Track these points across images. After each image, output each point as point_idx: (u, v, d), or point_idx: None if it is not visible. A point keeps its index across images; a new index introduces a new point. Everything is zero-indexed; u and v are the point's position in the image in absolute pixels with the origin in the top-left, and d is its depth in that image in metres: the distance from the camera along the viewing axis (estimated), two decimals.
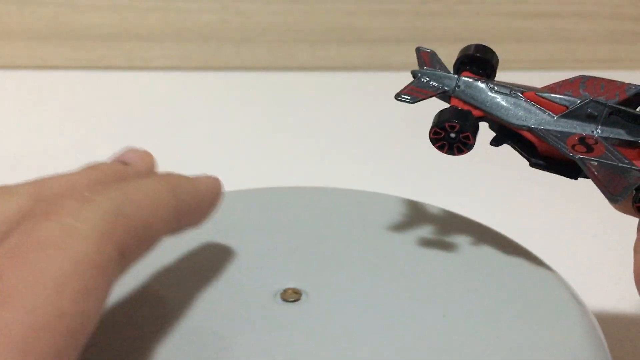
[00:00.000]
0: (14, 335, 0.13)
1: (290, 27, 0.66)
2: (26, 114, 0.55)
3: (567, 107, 0.21)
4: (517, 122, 0.21)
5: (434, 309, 0.21)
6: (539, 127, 0.20)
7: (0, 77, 0.64)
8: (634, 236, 0.21)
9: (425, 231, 0.25)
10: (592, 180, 0.20)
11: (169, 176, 0.21)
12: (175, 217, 0.19)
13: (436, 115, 0.21)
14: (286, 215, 0.27)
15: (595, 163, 0.19)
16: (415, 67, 0.24)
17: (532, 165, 0.21)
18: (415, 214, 0.26)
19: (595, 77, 0.22)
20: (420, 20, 0.67)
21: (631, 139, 0.20)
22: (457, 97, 0.22)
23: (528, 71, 0.68)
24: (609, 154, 0.20)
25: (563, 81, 0.22)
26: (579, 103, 0.21)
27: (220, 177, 0.22)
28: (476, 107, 0.21)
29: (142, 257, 0.18)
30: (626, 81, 0.21)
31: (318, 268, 0.23)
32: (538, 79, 0.69)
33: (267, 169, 0.43)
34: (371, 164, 0.45)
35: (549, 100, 0.21)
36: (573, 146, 0.20)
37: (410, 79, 0.24)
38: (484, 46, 0.23)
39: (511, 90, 0.21)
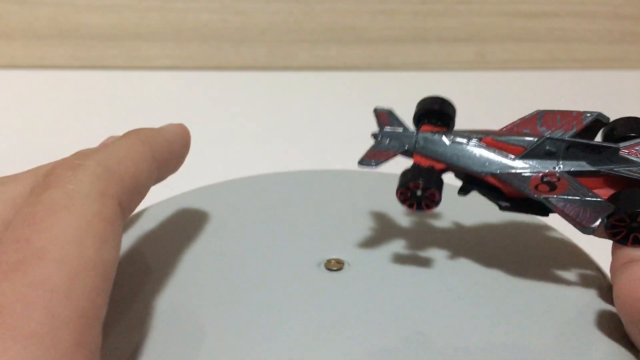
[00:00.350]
0: (55, 284, 0.15)
1: (290, 27, 0.66)
2: (26, 113, 0.55)
3: (525, 148, 0.21)
4: (480, 170, 0.21)
5: (468, 278, 0.23)
6: (501, 172, 0.21)
7: (0, 76, 0.64)
8: None
9: (457, 210, 0.27)
10: (561, 217, 0.20)
11: (140, 131, 0.22)
12: (154, 165, 0.21)
13: (400, 176, 0.22)
14: (320, 194, 0.29)
15: (560, 201, 0.20)
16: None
17: (502, 209, 0.21)
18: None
19: (550, 111, 0.22)
20: (420, 20, 0.67)
21: (593, 169, 0.20)
22: (418, 153, 0.22)
23: (528, 71, 0.68)
24: (573, 189, 0.20)
25: (520, 119, 0.22)
26: (535, 142, 0.21)
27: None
28: (438, 161, 0.22)
29: (136, 207, 0.20)
30: (582, 110, 0.21)
31: (358, 242, 0.25)
32: (538, 79, 0.69)
33: (267, 169, 0.43)
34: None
35: (507, 143, 0.21)
36: (536, 186, 0.20)
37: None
38: (440, 98, 0.23)
39: (470, 138, 0.21)
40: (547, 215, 0.21)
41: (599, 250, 0.24)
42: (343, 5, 0.66)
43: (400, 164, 0.23)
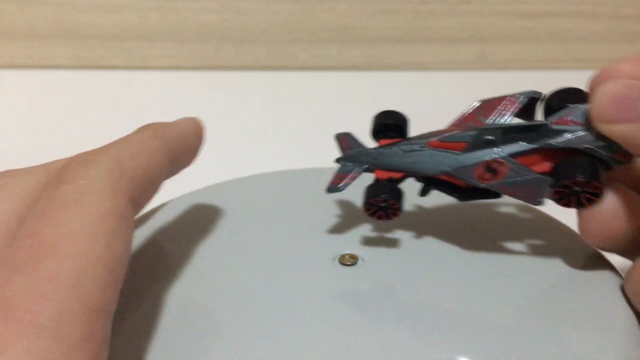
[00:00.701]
0: (65, 279, 0.16)
1: (290, 27, 0.66)
2: (26, 113, 0.55)
3: (468, 142, 0.22)
4: (433, 170, 0.23)
5: (480, 271, 0.23)
6: (452, 169, 0.22)
7: (0, 76, 0.64)
8: None
9: (468, 205, 0.27)
10: (511, 196, 0.22)
11: (153, 125, 0.22)
12: (167, 160, 0.21)
13: (364, 192, 0.24)
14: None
15: (504, 185, 0.22)
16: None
17: (461, 200, 0.23)
18: None
19: (489, 100, 0.23)
20: (420, 20, 0.67)
21: (530, 147, 0.22)
22: (377, 168, 0.24)
23: (528, 71, 0.68)
24: (513, 173, 0.22)
25: (461, 115, 0.24)
26: (474, 135, 0.22)
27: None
28: (396, 171, 0.24)
29: (148, 202, 0.21)
30: (518, 91, 0.23)
31: (371, 237, 0.25)
32: (538, 79, 0.69)
33: (267, 169, 0.43)
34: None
35: (451, 141, 0.23)
36: (480, 176, 0.22)
37: None
38: (391, 112, 0.25)
39: (419, 144, 0.23)
40: (499, 197, 0.23)
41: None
42: (343, 5, 0.66)
43: None
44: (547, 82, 0.24)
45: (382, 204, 0.23)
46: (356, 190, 0.30)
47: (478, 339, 0.20)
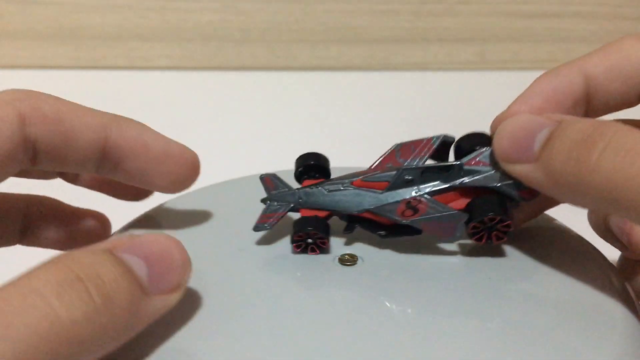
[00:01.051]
0: None
1: (290, 27, 0.66)
2: None
3: (389, 182, 0.24)
4: (356, 209, 0.24)
5: (479, 272, 0.23)
6: (374, 207, 0.24)
7: (1, 76, 0.64)
8: None
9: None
10: (429, 233, 0.23)
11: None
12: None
13: (292, 227, 0.24)
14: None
15: (424, 221, 0.23)
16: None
17: (382, 237, 0.24)
18: None
19: (405, 143, 0.25)
20: (420, 20, 0.67)
21: (446, 186, 0.23)
22: (303, 207, 0.25)
23: (528, 71, 0.68)
24: (432, 209, 0.23)
25: (381, 157, 0.25)
26: (395, 175, 0.24)
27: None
28: (320, 209, 0.25)
29: None
30: (431, 134, 0.25)
31: (370, 238, 0.25)
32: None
33: (267, 169, 0.43)
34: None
35: (374, 180, 0.24)
36: (402, 213, 0.23)
37: None
38: (314, 154, 0.27)
39: (342, 184, 0.25)
40: (420, 234, 0.24)
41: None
42: (343, 5, 0.66)
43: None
44: None
45: (308, 239, 0.24)
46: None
47: (477, 339, 0.20)
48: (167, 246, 0.19)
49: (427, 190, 0.23)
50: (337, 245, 0.25)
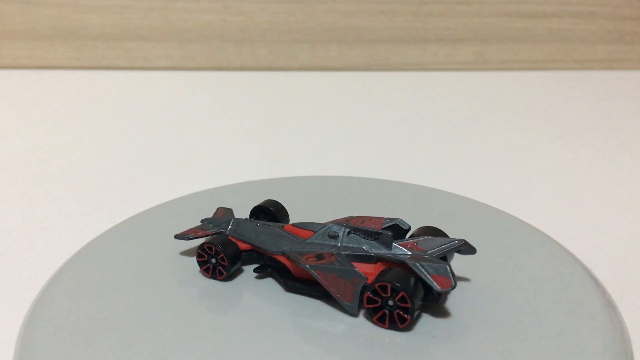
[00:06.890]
0: None
1: (291, 28, 0.66)
2: (27, 113, 0.55)
3: (315, 232, 0.24)
4: (274, 249, 0.24)
5: (475, 278, 0.24)
6: (289, 251, 0.23)
7: (2, 76, 0.64)
8: None
9: (462, 219, 0.28)
10: (328, 290, 0.22)
11: None
12: None
13: (207, 238, 0.25)
14: (328, 199, 0.31)
15: (321, 269, 0.22)
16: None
17: (287, 289, 0.23)
18: (428, 198, 0.30)
19: (359, 216, 0.25)
20: (420, 20, 0.67)
21: (367, 254, 0.22)
22: (232, 235, 0.25)
23: (528, 71, 0.68)
24: (337, 263, 0.22)
25: (332, 221, 0.25)
26: (322, 226, 0.23)
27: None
28: (244, 241, 0.25)
29: None
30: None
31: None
32: (538, 79, 0.69)
33: (267, 168, 0.43)
34: (371, 163, 0.45)
35: (302, 228, 0.24)
36: (307, 258, 0.23)
37: None
38: (273, 200, 0.27)
39: (278, 225, 0.25)
40: (326, 296, 0.23)
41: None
42: (343, 5, 0.66)
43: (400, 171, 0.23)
44: (546, 82, 0.25)
45: (214, 258, 0.24)
46: (361, 197, 0.31)
47: (475, 340, 0.20)
48: None
49: (348, 250, 0.23)
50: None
